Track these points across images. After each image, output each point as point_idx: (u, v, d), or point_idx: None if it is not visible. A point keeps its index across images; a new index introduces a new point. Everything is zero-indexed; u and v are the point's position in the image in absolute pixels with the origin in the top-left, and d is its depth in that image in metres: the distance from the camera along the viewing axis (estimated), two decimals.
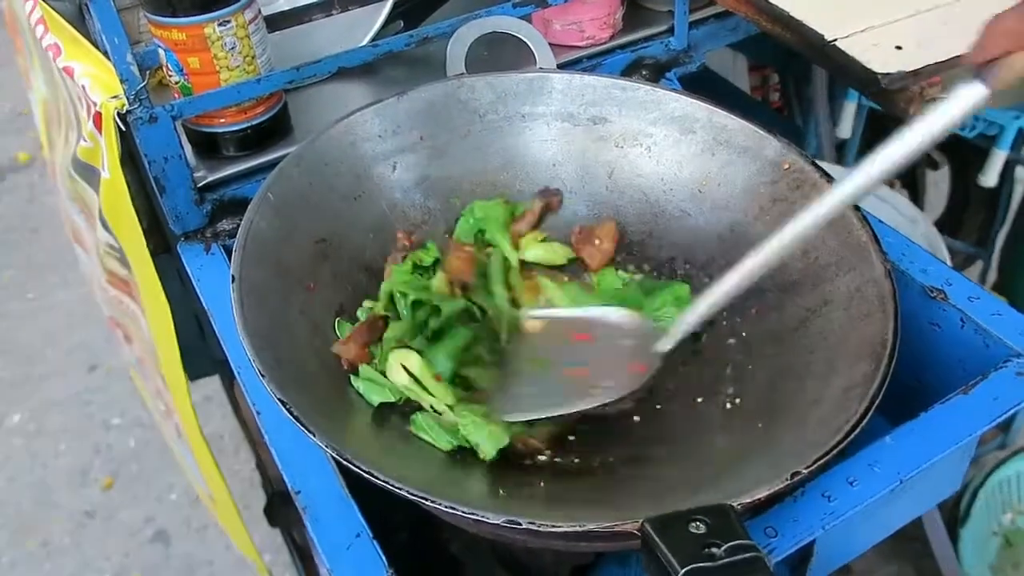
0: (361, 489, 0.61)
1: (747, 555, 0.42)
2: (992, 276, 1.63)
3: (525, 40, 0.88)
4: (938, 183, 1.75)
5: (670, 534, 0.44)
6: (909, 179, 1.68)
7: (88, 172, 0.93)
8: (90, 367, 2.04)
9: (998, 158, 1.34)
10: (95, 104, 0.75)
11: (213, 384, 1.84)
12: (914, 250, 0.76)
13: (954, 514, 1.40)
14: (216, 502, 1.22)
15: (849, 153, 1.54)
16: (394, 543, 0.64)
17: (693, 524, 0.44)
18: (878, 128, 1.52)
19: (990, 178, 1.36)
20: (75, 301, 2.19)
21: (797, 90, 1.55)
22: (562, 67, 0.94)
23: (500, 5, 0.88)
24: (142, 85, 0.71)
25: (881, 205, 1.23)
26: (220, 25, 0.74)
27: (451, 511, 0.50)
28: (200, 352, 1.19)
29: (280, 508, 1.39)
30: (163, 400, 1.17)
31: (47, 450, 1.87)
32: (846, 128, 1.45)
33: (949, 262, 1.13)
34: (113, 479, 1.82)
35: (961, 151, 1.52)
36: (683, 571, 0.41)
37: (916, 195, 1.69)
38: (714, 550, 0.43)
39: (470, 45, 0.88)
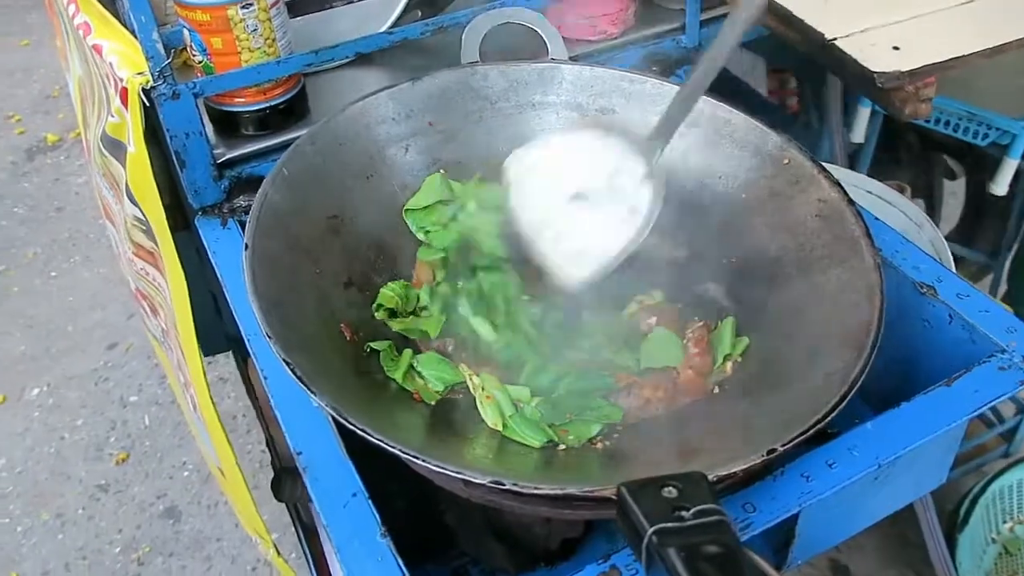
0: (361, 456, 0.64)
1: (713, 518, 0.44)
2: (1003, 287, 1.64)
3: (539, 32, 0.91)
4: (956, 193, 1.76)
5: (643, 497, 0.46)
6: (926, 188, 1.69)
7: (116, 147, 0.96)
8: (109, 344, 2.08)
9: (1009, 167, 1.35)
10: (122, 80, 0.79)
11: (228, 366, 1.88)
12: (908, 248, 0.77)
13: (953, 520, 1.41)
14: (226, 475, 1.25)
15: (863, 159, 1.55)
16: (391, 510, 0.67)
17: (666, 489, 0.47)
18: (892, 134, 1.53)
19: (1001, 186, 1.37)
20: (97, 280, 2.24)
21: (814, 94, 1.56)
22: (574, 60, 0.97)
23: None
24: (167, 63, 0.74)
25: (888, 208, 1.24)
26: (243, 8, 0.77)
27: (440, 470, 0.52)
28: (215, 328, 1.23)
29: (287, 483, 1.42)
30: (182, 372, 1.20)
31: (64, 424, 1.91)
32: (859, 133, 1.46)
33: (953, 268, 1.14)
34: (127, 454, 1.85)
35: (978, 161, 1.53)
36: (652, 529, 0.43)
37: (932, 204, 1.69)
38: (683, 513, 0.45)
39: (486, 36, 0.91)
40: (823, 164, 0.75)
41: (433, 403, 0.66)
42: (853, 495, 0.67)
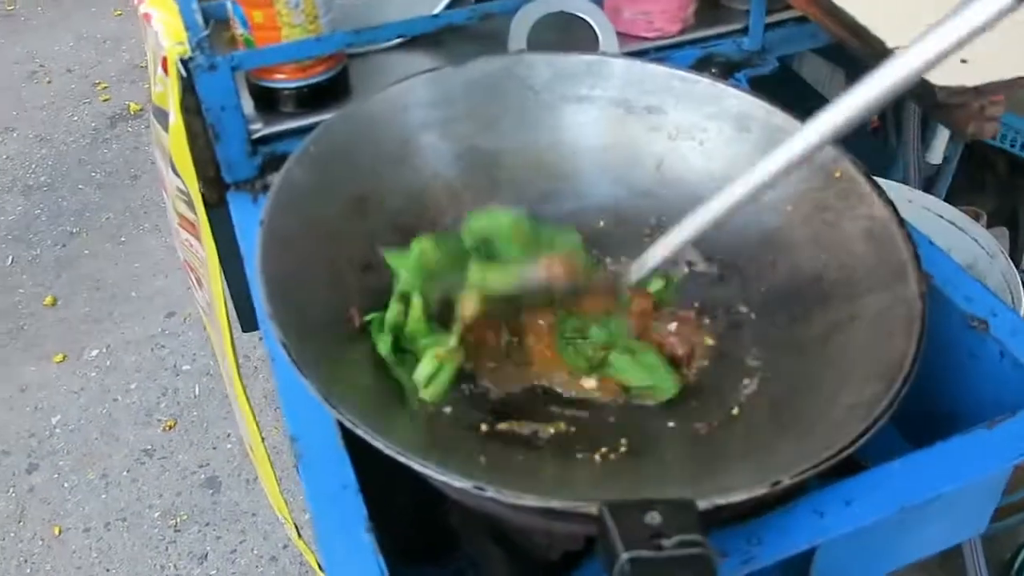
0: (369, 450, 0.62)
1: (694, 551, 0.41)
2: None
3: (591, 22, 0.87)
4: None
5: (624, 520, 0.43)
6: (1011, 216, 1.60)
7: (162, 117, 0.97)
8: (168, 313, 2.13)
9: None
10: (163, 49, 0.79)
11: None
12: (961, 277, 0.72)
13: (1007, 571, 1.34)
14: (255, 452, 1.26)
15: (941, 181, 1.47)
16: (395, 507, 0.65)
17: (650, 514, 0.43)
18: (977, 156, 1.46)
19: None
20: (163, 248, 2.29)
21: (892, 109, 1.49)
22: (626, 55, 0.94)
23: None
24: (204, 34, 0.74)
25: (959, 235, 1.17)
26: None
27: (422, 469, 0.50)
28: (252, 304, 1.23)
29: None
30: (218, 346, 1.21)
31: (118, 386, 1.96)
32: (936, 154, 1.39)
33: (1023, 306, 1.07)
34: (175, 422, 1.89)
35: None
36: (625, 556, 0.40)
37: (1017, 235, 1.60)
38: (663, 541, 0.42)
39: (536, 25, 0.88)
40: (878, 181, 0.70)
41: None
42: (875, 537, 0.62)
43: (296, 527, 1.25)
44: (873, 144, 1.50)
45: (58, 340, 2.06)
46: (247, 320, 1.41)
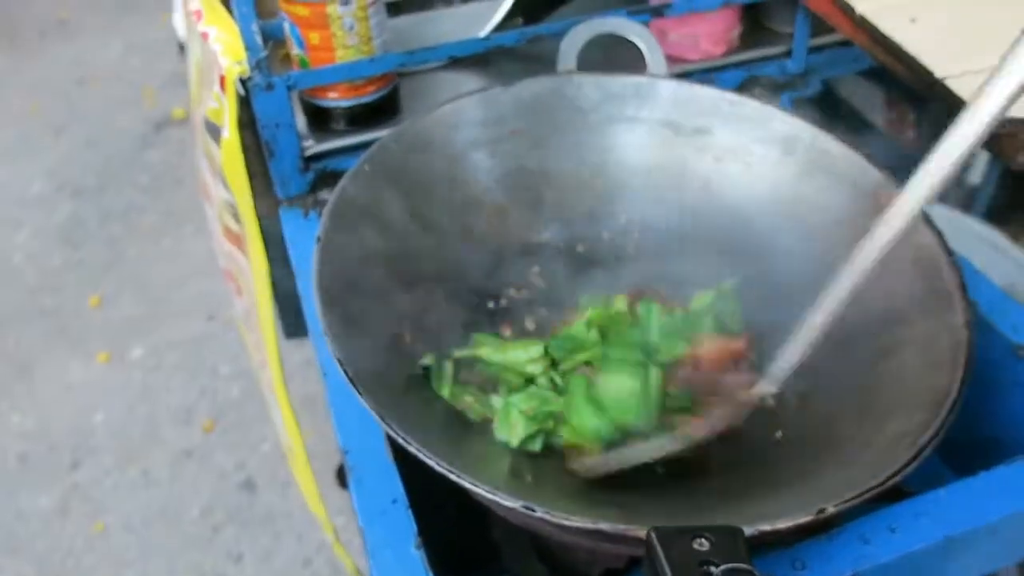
0: (411, 459, 0.63)
1: None
2: None
3: (639, 44, 0.88)
4: None
5: (672, 546, 0.44)
6: None
7: (215, 131, 1.00)
8: (209, 315, 2.17)
9: None
10: (222, 67, 0.81)
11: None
12: (1008, 304, 0.72)
13: None
14: (295, 456, 1.28)
15: (979, 201, 1.46)
16: (440, 519, 0.66)
17: (698, 541, 0.44)
18: (1017, 177, 1.44)
19: None
20: (204, 253, 2.33)
21: (932, 130, 1.48)
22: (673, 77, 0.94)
23: (616, 10, 0.89)
24: (263, 55, 0.76)
25: (997, 257, 1.16)
26: (342, 5, 0.78)
27: (472, 487, 0.51)
28: (297, 311, 1.25)
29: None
30: (261, 353, 1.24)
31: (160, 386, 2.00)
32: (976, 173, 1.38)
33: None
34: (214, 423, 1.92)
35: None
36: None
37: None
38: (712, 568, 0.43)
39: (584, 47, 0.90)
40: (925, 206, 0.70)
41: (479, 420, 0.65)
42: (918, 562, 0.63)
43: (335, 531, 1.27)
44: (911, 165, 1.49)
45: (103, 340, 2.11)
46: (289, 327, 1.44)
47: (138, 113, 2.90)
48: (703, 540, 0.44)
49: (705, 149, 0.82)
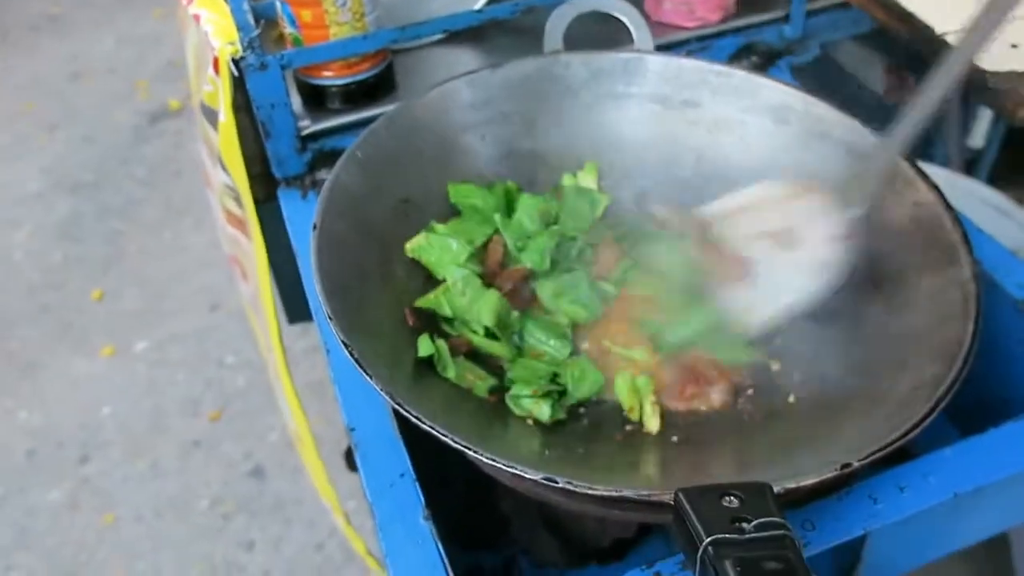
0: (422, 439, 0.63)
1: (776, 532, 0.41)
2: None
3: (624, 20, 0.88)
4: None
5: (701, 505, 0.43)
6: None
7: (211, 115, 0.99)
8: (212, 307, 2.16)
9: None
10: (214, 49, 0.80)
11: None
12: (1012, 263, 0.72)
13: None
14: (302, 442, 1.29)
15: (982, 165, 1.45)
16: (449, 494, 0.66)
17: (727, 499, 0.44)
18: (1015, 140, 1.43)
19: None
20: (205, 244, 2.32)
21: None
22: (670, 48, 0.94)
23: None
24: (255, 34, 0.75)
25: (1002, 220, 1.16)
26: None
27: (491, 463, 0.51)
28: (301, 296, 1.25)
29: None
30: (265, 338, 1.24)
31: (165, 379, 2.00)
32: (979, 137, 1.37)
33: None
34: (220, 413, 1.92)
35: None
36: (708, 540, 0.41)
37: None
38: (744, 524, 0.42)
39: (572, 23, 0.89)
40: (922, 166, 0.70)
41: (484, 395, 0.65)
42: (927, 522, 0.62)
43: (345, 515, 1.27)
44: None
45: (107, 334, 2.11)
46: (292, 311, 1.44)
47: (133, 106, 2.88)
48: (732, 498, 0.44)
49: (697, 122, 0.82)
